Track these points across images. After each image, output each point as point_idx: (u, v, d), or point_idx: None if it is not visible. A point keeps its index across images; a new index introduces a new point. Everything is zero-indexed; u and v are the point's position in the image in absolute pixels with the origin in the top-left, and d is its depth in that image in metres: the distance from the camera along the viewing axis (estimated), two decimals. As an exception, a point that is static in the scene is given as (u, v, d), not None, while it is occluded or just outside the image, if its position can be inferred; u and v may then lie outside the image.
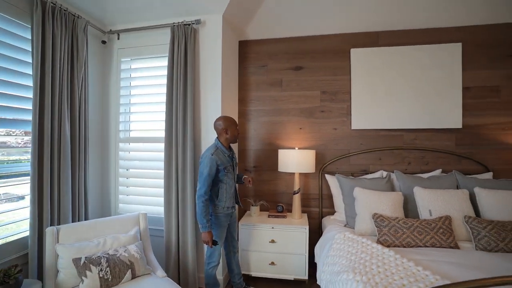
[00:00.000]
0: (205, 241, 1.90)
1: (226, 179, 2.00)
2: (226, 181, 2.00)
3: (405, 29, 2.63)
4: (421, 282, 1.24)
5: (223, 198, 2.00)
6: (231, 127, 2.03)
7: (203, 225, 1.88)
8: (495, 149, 2.50)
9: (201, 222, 1.88)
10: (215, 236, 1.99)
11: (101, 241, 1.81)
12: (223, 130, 2.01)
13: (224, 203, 2.01)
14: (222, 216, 2.02)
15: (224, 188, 2.00)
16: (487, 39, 2.50)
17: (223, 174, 1.97)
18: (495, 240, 1.73)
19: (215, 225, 2.00)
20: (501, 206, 1.94)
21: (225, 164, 1.98)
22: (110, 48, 2.60)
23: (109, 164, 2.58)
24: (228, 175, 2.01)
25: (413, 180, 2.24)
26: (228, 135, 2.02)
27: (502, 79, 2.49)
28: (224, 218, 2.03)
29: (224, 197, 2.00)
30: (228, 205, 2.04)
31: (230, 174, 2.03)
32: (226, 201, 2.01)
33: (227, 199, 2.02)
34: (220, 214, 2.01)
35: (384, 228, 1.86)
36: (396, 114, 2.61)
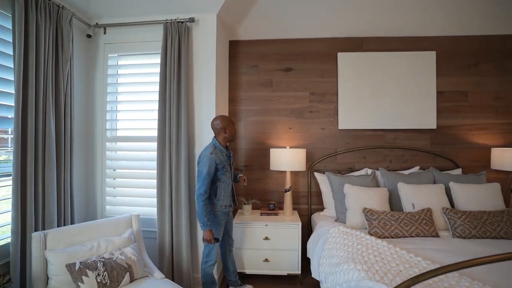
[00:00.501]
0: (207, 239, 1.90)
1: (224, 178, 2.01)
2: (224, 180, 2.02)
3: (386, 36, 2.82)
4: (415, 267, 1.37)
5: (221, 197, 2.01)
6: (229, 126, 2.05)
7: (204, 223, 1.88)
8: (463, 147, 2.78)
9: (202, 221, 1.88)
10: (214, 235, 1.99)
11: (95, 244, 1.73)
12: (222, 130, 2.03)
13: (222, 202, 2.02)
14: (220, 215, 2.04)
15: (222, 187, 2.01)
16: (457, 49, 2.78)
17: (221, 173, 1.98)
18: (469, 228, 1.94)
19: (213, 223, 2.01)
20: (471, 198, 2.18)
21: (224, 163, 2.00)
22: (96, 43, 2.47)
23: (94, 164, 2.45)
24: (226, 174, 2.03)
25: (396, 177, 2.42)
26: (227, 134, 2.04)
27: (470, 85, 2.78)
28: (222, 216, 2.05)
29: (222, 195, 2.02)
30: (226, 203, 2.06)
31: (228, 173, 2.04)
32: (224, 199, 2.03)
33: (225, 198, 2.03)
34: (219, 212, 2.03)
35: (374, 221, 2.00)
36: (378, 115, 2.79)
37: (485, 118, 2.78)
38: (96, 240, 1.77)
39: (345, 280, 1.40)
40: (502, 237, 1.91)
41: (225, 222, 2.13)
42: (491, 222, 1.96)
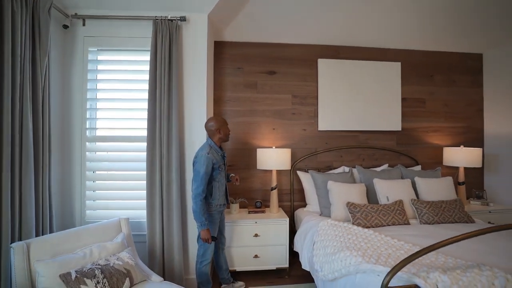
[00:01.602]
0: (205, 238, 1.92)
1: (219, 178, 2.05)
2: (219, 179, 2.05)
3: (360, 46, 3.12)
4: (401, 250, 1.59)
5: (216, 196, 2.04)
6: (223, 127, 2.10)
7: (201, 223, 1.90)
8: (422, 147, 3.22)
9: (200, 220, 1.90)
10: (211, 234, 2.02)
11: (87, 252, 1.63)
12: (216, 130, 2.06)
13: (217, 201, 2.06)
14: (215, 214, 2.06)
15: (217, 186, 2.05)
16: (418, 62, 3.20)
17: (217, 172, 2.02)
18: (432, 215, 2.28)
19: (209, 223, 2.02)
20: (432, 190, 2.55)
21: (219, 162, 2.04)
22: (73, 35, 2.28)
23: (72, 166, 2.27)
24: (221, 174, 2.07)
25: (371, 173, 2.70)
26: (221, 135, 2.08)
27: (427, 93, 3.23)
28: (216, 215, 2.08)
29: (217, 195, 2.05)
30: (221, 202, 2.09)
31: (222, 173, 2.09)
32: (219, 198, 2.06)
33: (219, 197, 2.07)
34: (214, 211, 2.05)
35: (357, 214, 2.22)
36: (353, 117, 3.07)
37: (437, 122, 3.26)
38: (88, 247, 1.67)
39: (343, 266, 1.56)
40: (457, 221, 2.29)
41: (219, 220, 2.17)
42: (448, 209, 2.33)
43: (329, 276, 1.66)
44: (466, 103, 3.31)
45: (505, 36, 2.87)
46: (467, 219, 2.30)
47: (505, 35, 2.86)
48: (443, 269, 1.26)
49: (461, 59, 3.29)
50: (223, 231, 2.27)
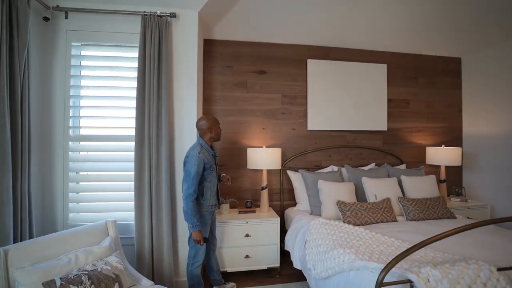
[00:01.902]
0: (197, 240, 1.88)
1: (210, 178, 2.02)
2: (211, 179, 2.02)
3: (348, 48, 3.18)
4: (392, 246, 1.64)
5: (207, 197, 2.01)
6: (214, 126, 2.07)
7: (193, 224, 1.86)
8: (406, 147, 3.33)
9: (192, 222, 1.86)
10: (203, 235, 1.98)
11: (72, 257, 1.55)
12: (208, 130, 2.03)
13: (209, 201, 2.02)
14: (206, 214, 2.03)
15: (208, 186, 2.01)
16: (402, 64, 3.31)
17: (208, 172, 1.99)
18: (418, 212, 2.36)
19: (201, 223, 1.99)
20: (417, 188, 2.65)
21: (210, 162, 2.00)
22: (55, 28, 2.16)
23: (54, 167, 2.14)
24: (213, 174, 2.03)
25: (360, 172, 2.76)
26: (213, 134, 2.05)
27: (411, 95, 3.35)
28: (208, 216, 2.05)
29: (208, 195, 2.01)
30: (212, 203, 2.06)
31: (214, 173, 2.05)
32: (210, 199, 2.03)
33: (211, 197, 2.03)
34: (205, 212, 2.02)
35: (347, 212, 2.26)
36: (342, 117, 3.13)
37: (421, 122, 3.39)
38: (72, 252, 1.59)
39: (337, 264, 1.58)
40: (440, 217, 2.39)
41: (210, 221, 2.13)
42: (432, 206, 2.42)
43: (323, 274, 1.67)
44: (447, 104, 3.47)
45: (482, 42, 3.03)
46: (449, 215, 2.40)
47: (481, 42, 3.02)
48: (433, 264, 1.30)
49: (442, 63, 3.44)
50: (214, 232, 2.23)
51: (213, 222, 2.20)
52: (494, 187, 3.10)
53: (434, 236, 1.27)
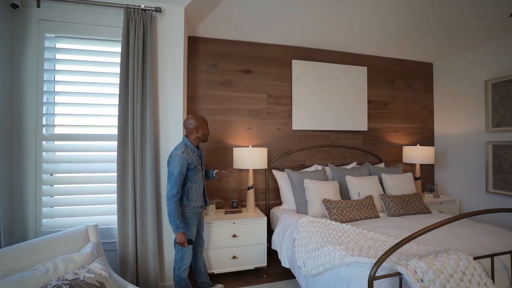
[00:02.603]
0: (180, 243, 1.83)
1: (196, 178, 1.97)
2: (196, 180, 1.97)
3: (331, 50, 3.27)
4: (379, 241, 1.70)
5: (193, 198, 1.96)
6: (202, 126, 2.01)
7: (176, 226, 1.81)
8: (385, 146, 3.50)
9: (175, 224, 1.81)
10: (188, 236, 1.93)
11: (50, 266, 1.42)
12: (194, 129, 1.97)
13: (194, 203, 1.97)
14: (192, 216, 1.98)
15: (194, 187, 1.96)
16: (381, 67, 3.47)
17: (193, 173, 1.94)
18: (398, 208, 2.48)
19: (186, 225, 1.94)
20: (396, 185, 2.79)
21: (195, 162, 1.95)
22: (25, 17, 1.99)
23: (24, 169, 1.97)
24: (198, 174, 1.98)
25: (343, 171, 2.85)
26: (199, 134, 1.99)
27: (389, 96, 3.52)
28: (194, 217, 1.99)
29: (194, 196, 1.96)
30: (198, 204, 2.00)
31: (199, 173, 2.00)
32: (196, 200, 1.98)
33: (197, 199, 1.98)
34: (191, 213, 1.96)
35: (333, 210, 2.32)
36: (325, 118, 3.20)
37: (398, 123, 3.57)
38: (50, 261, 1.46)
39: (328, 260, 1.61)
40: (418, 213, 2.53)
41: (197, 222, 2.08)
42: (410, 202, 2.56)
43: (313, 272, 1.70)
44: (421, 106, 3.69)
45: (451, 49, 3.26)
46: (426, 210, 2.56)
47: (450, 49, 3.25)
48: (419, 256, 1.37)
49: (416, 67, 3.66)
50: (201, 233, 2.18)
51: (200, 223, 2.15)
52: (461, 183, 3.35)
53: (419, 230, 1.34)
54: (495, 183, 2.96)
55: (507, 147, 2.84)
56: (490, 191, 3.00)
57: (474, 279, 1.30)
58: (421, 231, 1.34)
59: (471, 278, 1.30)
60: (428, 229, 1.35)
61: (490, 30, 2.75)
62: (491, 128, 3.00)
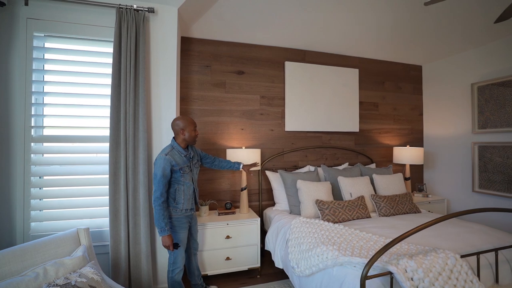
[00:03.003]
0: (166, 246, 1.82)
1: (183, 180, 1.94)
2: (184, 182, 1.94)
3: (324, 52, 3.31)
4: (370, 241, 1.74)
5: (180, 200, 1.94)
6: (188, 128, 1.97)
7: (161, 229, 1.80)
8: (376, 147, 3.56)
9: (160, 226, 1.80)
10: (176, 240, 1.93)
11: (40, 271, 1.39)
12: (181, 131, 1.96)
13: (182, 205, 1.94)
14: (182, 218, 1.96)
15: (182, 189, 1.93)
16: (372, 69, 3.53)
17: (179, 175, 1.91)
18: (389, 208, 2.54)
19: (176, 228, 1.93)
20: (387, 185, 2.84)
21: (181, 164, 1.92)
22: (12, 15, 1.94)
23: (12, 171, 1.92)
24: (185, 176, 1.95)
25: (335, 172, 2.89)
26: (185, 136, 1.96)
27: (379, 98, 3.58)
28: (184, 220, 1.98)
29: (182, 199, 1.94)
30: (187, 207, 1.98)
31: (187, 175, 1.96)
32: (184, 203, 1.95)
33: (185, 201, 1.96)
34: (180, 216, 1.95)
35: (325, 210, 2.35)
36: (317, 119, 3.24)
37: (388, 124, 3.64)
38: (40, 266, 1.43)
39: (321, 261, 1.63)
40: (408, 212, 2.59)
41: (189, 225, 2.07)
42: (401, 202, 2.62)
43: (306, 272, 1.72)
44: (410, 107, 3.78)
45: (439, 53, 3.35)
46: (415, 210, 2.62)
47: (439, 52, 3.34)
48: (409, 255, 1.41)
49: (406, 70, 3.74)
50: (195, 236, 2.17)
51: (193, 225, 2.13)
52: (449, 183, 3.45)
53: (409, 230, 1.37)
54: (480, 183, 3.06)
55: (491, 148, 2.95)
56: (476, 190, 3.10)
57: (461, 276, 1.35)
58: (411, 231, 1.37)
59: (458, 275, 1.35)
60: (418, 229, 1.38)
61: (475, 36, 2.84)
62: (477, 129, 3.09)
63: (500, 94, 2.88)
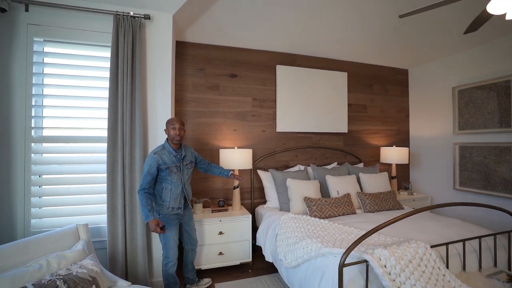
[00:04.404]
0: (153, 230, 1.88)
1: (170, 179, 2.02)
2: (171, 181, 2.02)
3: (314, 56, 3.45)
4: (352, 234, 1.87)
5: (166, 198, 2.02)
6: (167, 127, 2.05)
7: (146, 215, 1.89)
8: (364, 147, 3.71)
9: (144, 213, 1.89)
10: (165, 236, 2.03)
11: (43, 263, 1.50)
12: (165, 130, 2.08)
13: (168, 203, 2.03)
14: (169, 216, 2.05)
15: (168, 188, 2.02)
16: (361, 72, 3.69)
17: (165, 173, 2.00)
18: (373, 205, 2.68)
19: (164, 224, 2.01)
20: (372, 184, 2.99)
21: (168, 164, 2.00)
22: (13, 21, 2.02)
23: (12, 170, 2.00)
24: (172, 175, 2.02)
25: (324, 171, 3.03)
26: (168, 135, 2.06)
27: (367, 100, 3.74)
28: (172, 217, 2.06)
29: (168, 197, 2.02)
30: (174, 205, 2.05)
31: (174, 175, 2.03)
32: (170, 201, 2.03)
33: (171, 200, 2.03)
34: (167, 214, 2.04)
35: (313, 207, 2.49)
36: (307, 120, 3.38)
37: (376, 125, 3.80)
38: (43, 258, 1.54)
39: (306, 252, 1.76)
40: (391, 209, 2.74)
41: (181, 223, 2.16)
42: (385, 199, 2.77)
43: (293, 263, 1.85)
44: (397, 109, 3.94)
45: (424, 57, 3.52)
46: (398, 207, 2.77)
47: (424, 57, 3.51)
48: (384, 246, 1.55)
49: (393, 73, 3.91)
50: (191, 233, 2.25)
51: (186, 223, 2.21)
52: (433, 181, 3.62)
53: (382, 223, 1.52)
54: (461, 181, 3.23)
55: (470, 148, 3.12)
56: (457, 188, 3.27)
57: (429, 264, 1.49)
58: (385, 223, 1.52)
59: (427, 263, 1.49)
60: (392, 222, 1.53)
61: (456, 42, 3.01)
62: (457, 130, 3.27)
63: (478, 97, 3.06)
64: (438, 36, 2.91)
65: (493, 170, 2.91)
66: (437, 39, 2.98)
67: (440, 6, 1.54)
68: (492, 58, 2.96)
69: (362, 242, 1.68)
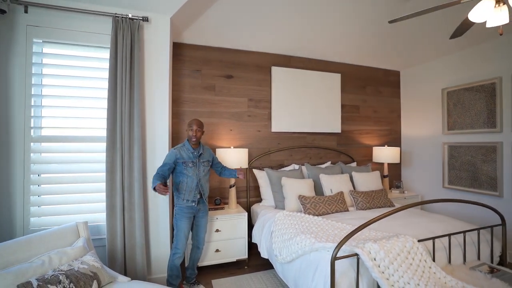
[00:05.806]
0: (158, 191, 1.88)
1: (186, 173, 2.17)
2: (187, 175, 2.17)
3: (308, 57, 3.53)
4: (344, 230, 1.95)
5: (182, 191, 2.17)
6: (187, 128, 2.25)
7: (153, 183, 1.93)
8: (357, 147, 3.81)
9: (153, 183, 1.94)
10: (176, 226, 2.17)
11: (45, 259, 1.54)
12: (186, 131, 2.18)
13: (184, 196, 2.18)
14: (184, 208, 2.18)
15: (185, 181, 2.17)
16: (354, 74, 3.79)
17: (182, 167, 2.16)
18: (365, 203, 2.77)
19: (177, 215, 2.17)
20: (365, 182, 3.09)
21: (185, 159, 2.17)
22: (13, 22, 2.05)
23: (12, 169, 2.03)
24: (188, 169, 2.17)
25: (317, 170, 3.11)
26: (187, 136, 2.24)
27: (360, 101, 3.84)
28: (186, 210, 2.18)
29: (184, 190, 2.17)
30: (188, 198, 2.18)
31: (190, 169, 2.18)
32: (185, 193, 2.18)
33: (186, 192, 2.18)
34: (182, 206, 2.18)
35: (307, 205, 2.56)
36: (302, 120, 3.46)
37: (368, 125, 3.90)
38: (45, 254, 1.58)
39: (300, 248, 1.83)
40: (383, 206, 2.84)
41: (194, 218, 2.27)
42: (376, 197, 2.86)
43: (288, 259, 1.92)
44: (389, 110, 4.05)
45: (415, 59, 3.63)
46: (389, 204, 2.87)
47: (415, 59, 3.62)
48: (374, 240, 1.63)
49: (385, 75, 4.01)
50: (199, 232, 2.31)
51: (199, 219, 2.28)
52: (423, 180, 3.73)
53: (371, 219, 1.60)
54: (450, 179, 3.35)
55: (458, 147, 3.24)
56: (446, 186, 3.39)
57: (416, 257, 1.58)
58: (374, 219, 1.61)
59: (414, 256, 1.58)
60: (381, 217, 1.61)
61: (445, 45, 3.13)
62: (446, 130, 3.38)
63: (465, 99, 3.17)
64: (428, 40, 3.02)
65: (480, 169, 3.03)
66: (428, 42, 3.09)
67: (428, 12, 1.63)
68: (479, 61, 3.08)
69: (354, 237, 1.77)
